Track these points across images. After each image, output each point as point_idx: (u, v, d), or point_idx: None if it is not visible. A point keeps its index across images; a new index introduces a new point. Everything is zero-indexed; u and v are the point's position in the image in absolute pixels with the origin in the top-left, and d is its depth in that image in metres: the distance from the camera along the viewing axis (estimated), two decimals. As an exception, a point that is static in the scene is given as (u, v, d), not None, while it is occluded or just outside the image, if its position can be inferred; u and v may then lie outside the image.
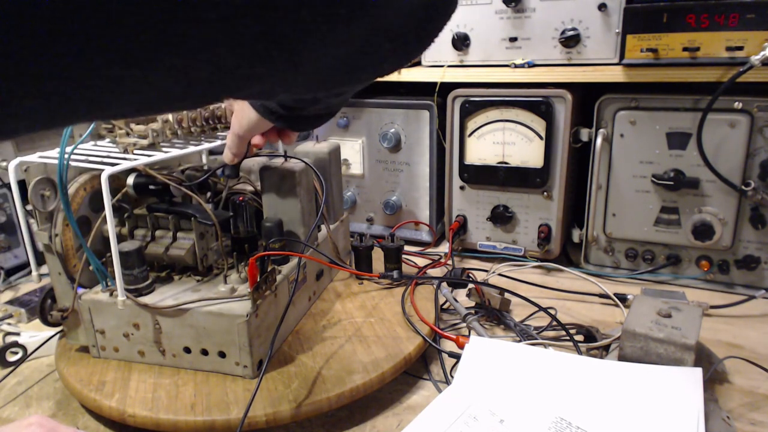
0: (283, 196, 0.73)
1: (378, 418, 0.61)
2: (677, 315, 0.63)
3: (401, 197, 1.09)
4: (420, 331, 0.70)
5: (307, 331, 0.71)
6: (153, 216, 0.69)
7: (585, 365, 0.62)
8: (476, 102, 0.96)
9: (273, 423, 0.56)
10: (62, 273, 0.65)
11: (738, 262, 0.86)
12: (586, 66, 0.88)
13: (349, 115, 1.08)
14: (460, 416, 0.55)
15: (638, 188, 0.89)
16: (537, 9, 0.89)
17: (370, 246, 0.86)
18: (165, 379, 0.62)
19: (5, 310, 0.84)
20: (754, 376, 0.65)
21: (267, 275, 0.63)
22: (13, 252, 1.00)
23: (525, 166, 0.95)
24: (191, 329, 0.62)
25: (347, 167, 1.10)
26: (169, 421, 0.56)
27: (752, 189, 0.81)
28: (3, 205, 1.00)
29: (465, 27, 0.95)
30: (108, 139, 0.74)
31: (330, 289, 0.83)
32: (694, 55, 0.79)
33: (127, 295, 0.62)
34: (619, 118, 0.87)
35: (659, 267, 0.91)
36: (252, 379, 0.61)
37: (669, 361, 0.60)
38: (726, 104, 0.80)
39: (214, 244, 0.70)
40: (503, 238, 1.02)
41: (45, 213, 0.64)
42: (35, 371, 0.70)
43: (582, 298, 0.86)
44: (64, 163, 0.61)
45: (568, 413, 0.55)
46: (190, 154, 0.71)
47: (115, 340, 0.65)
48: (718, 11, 0.76)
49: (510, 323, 0.76)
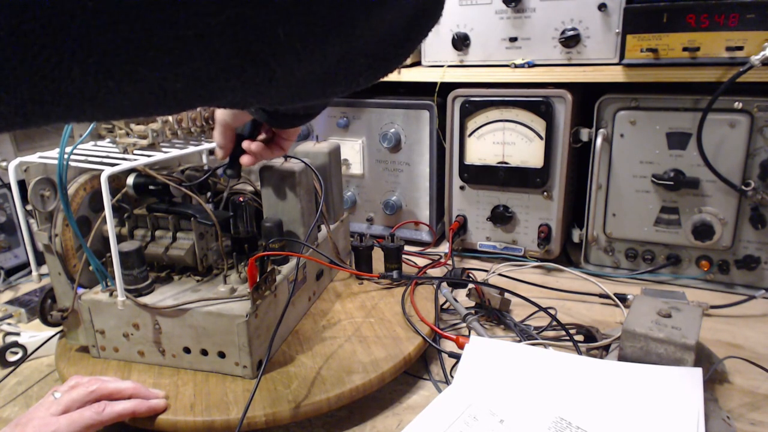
0: (283, 196, 0.73)
1: (378, 418, 0.61)
2: (677, 315, 0.63)
3: (401, 197, 1.09)
4: (420, 331, 0.70)
5: (306, 331, 0.71)
6: (153, 216, 0.69)
7: (585, 365, 0.62)
8: (476, 102, 0.96)
9: (272, 423, 0.56)
10: (62, 273, 0.65)
11: (738, 262, 0.86)
12: (586, 66, 0.88)
13: (349, 115, 1.08)
14: (460, 416, 0.55)
15: (638, 188, 0.89)
16: (537, 9, 0.89)
17: (370, 246, 0.86)
18: (165, 380, 0.62)
19: (5, 310, 0.84)
20: (754, 376, 0.65)
21: (267, 275, 0.63)
22: (13, 252, 1.00)
23: (525, 166, 0.95)
24: (191, 329, 0.62)
25: (347, 167, 1.10)
26: (168, 421, 0.56)
27: (752, 189, 0.81)
28: (3, 205, 1.00)
29: (465, 27, 0.95)
30: (108, 139, 0.74)
31: (330, 289, 0.83)
32: (694, 55, 0.79)
33: (126, 296, 0.62)
34: (619, 118, 0.87)
35: (659, 267, 0.91)
36: (251, 379, 0.61)
37: (669, 361, 0.60)
38: (726, 104, 0.80)
39: (213, 244, 0.70)
40: (503, 238, 1.02)
41: (45, 213, 0.64)
42: (35, 371, 0.70)
43: (582, 298, 0.86)
44: (63, 163, 0.61)
45: (568, 413, 0.55)
46: (190, 154, 0.71)
47: (114, 340, 0.65)
48: (718, 11, 0.76)
49: (510, 323, 0.76)
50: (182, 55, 0.20)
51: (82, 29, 0.17)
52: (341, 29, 0.23)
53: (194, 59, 0.20)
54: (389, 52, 0.27)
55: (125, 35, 0.18)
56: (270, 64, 0.22)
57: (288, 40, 0.22)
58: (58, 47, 0.17)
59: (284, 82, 0.24)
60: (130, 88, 0.20)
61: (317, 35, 0.22)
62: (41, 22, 0.16)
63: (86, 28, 0.17)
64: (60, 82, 0.18)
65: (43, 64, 0.17)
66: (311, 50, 0.23)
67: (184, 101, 0.22)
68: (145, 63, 0.19)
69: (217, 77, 0.21)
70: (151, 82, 0.20)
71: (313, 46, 0.23)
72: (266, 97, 0.27)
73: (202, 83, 0.21)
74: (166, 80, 0.20)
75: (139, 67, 0.19)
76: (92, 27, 0.17)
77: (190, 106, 0.23)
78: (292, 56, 0.22)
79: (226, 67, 0.21)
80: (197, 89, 0.22)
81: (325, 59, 0.24)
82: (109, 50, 0.18)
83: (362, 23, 0.24)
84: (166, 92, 0.21)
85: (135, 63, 0.19)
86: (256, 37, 0.21)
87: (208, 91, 0.22)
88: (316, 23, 0.22)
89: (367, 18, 0.24)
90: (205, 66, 0.21)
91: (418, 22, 0.28)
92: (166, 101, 0.21)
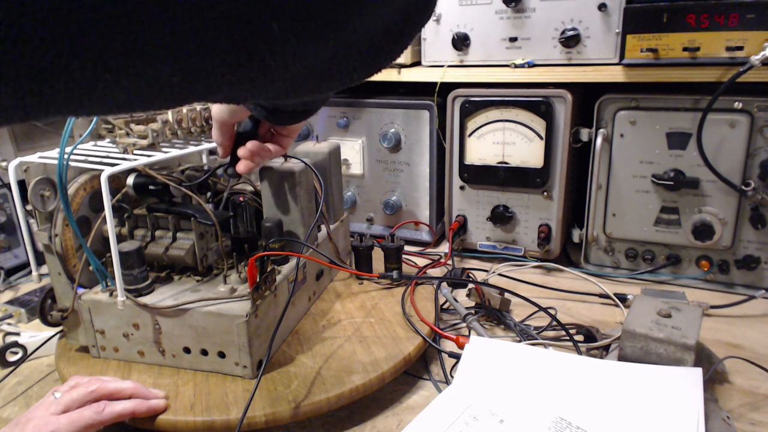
0: (283, 196, 0.73)
1: (378, 418, 0.61)
2: (677, 315, 0.63)
3: (401, 197, 1.09)
4: (420, 331, 0.70)
5: (306, 331, 0.71)
6: (153, 216, 0.69)
7: (585, 365, 0.62)
8: (476, 102, 0.96)
9: (272, 423, 0.56)
10: (62, 273, 0.65)
11: (738, 262, 0.86)
12: (586, 66, 0.88)
13: (349, 115, 1.08)
14: (460, 416, 0.55)
15: (638, 188, 0.89)
16: (537, 9, 0.89)
17: (370, 246, 0.86)
18: (165, 380, 0.62)
19: (5, 310, 0.84)
20: (754, 376, 0.65)
21: (267, 275, 0.63)
22: (13, 252, 1.00)
23: (525, 166, 0.95)
24: (191, 329, 0.62)
25: (347, 167, 1.10)
26: (168, 421, 0.56)
27: (752, 189, 0.81)
28: (3, 205, 1.00)
29: (465, 27, 0.95)
30: (108, 139, 0.74)
31: (330, 289, 0.83)
32: (694, 55, 0.79)
33: (126, 296, 0.62)
34: (619, 118, 0.87)
35: (659, 267, 0.91)
36: (251, 380, 0.61)
37: (669, 361, 0.60)
38: (726, 104, 0.80)
39: (213, 244, 0.70)
40: (503, 238, 1.02)
41: (45, 213, 0.64)
42: (35, 371, 0.70)
43: (582, 298, 0.86)
44: (63, 163, 0.61)
45: (568, 413, 0.55)
46: (190, 154, 0.71)
47: (114, 340, 0.65)
48: (718, 11, 0.76)
49: (510, 323, 0.76)
50: (178, 49, 0.20)
51: (80, 23, 0.17)
52: (335, 24, 0.23)
53: (190, 54, 0.20)
54: (383, 47, 0.28)
55: (122, 30, 0.18)
56: (265, 58, 0.23)
57: (282, 35, 0.22)
58: (57, 41, 0.17)
59: (279, 76, 0.24)
60: (127, 82, 0.20)
61: (312, 30, 0.23)
62: (41, 16, 0.17)
63: (84, 22, 0.17)
64: (59, 75, 0.18)
65: (43, 57, 0.17)
66: (306, 45, 0.23)
67: (180, 95, 0.23)
68: (142, 57, 0.19)
69: (212, 72, 0.22)
70: (148, 76, 0.20)
71: (308, 40, 0.23)
72: (261, 92, 0.27)
73: (197, 77, 0.22)
74: (162, 74, 0.21)
75: (136, 60, 0.19)
76: (90, 21, 0.17)
77: (186, 100, 0.24)
78: (287, 51, 0.23)
79: (222, 62, 0.21)
80: (193, 83, 0.22)
81: (320, 54, 0.25)
82: (106, 44, 0.18)
83: (356, 18, 0.24)
84: (162, 86, 0.21)
85: (131, 57, 0.19)
86: (251, 31, 0.21)
87: (203, 86, 0.22)
88: (310, 18, 0.22)
89: (360, 13, 0.24)
90: (201, 60, 0.21)
91: (412, 17, 0.28)
92: (162, 95, 0.22)
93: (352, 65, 0.27)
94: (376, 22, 0.26)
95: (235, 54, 0.21)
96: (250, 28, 0.21)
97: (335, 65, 0.27)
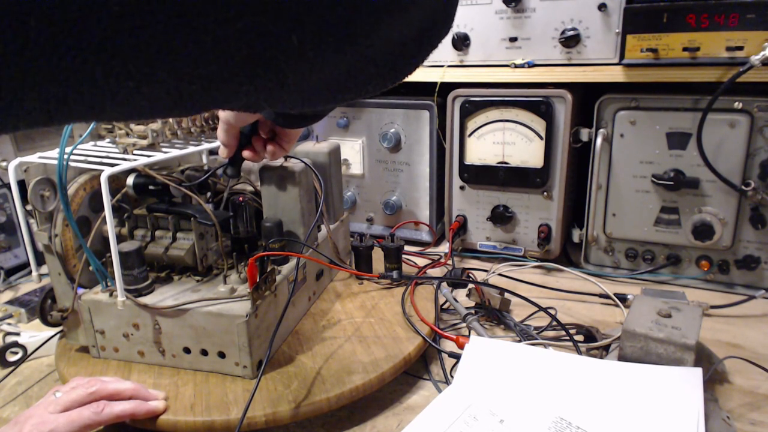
0: (283, 197, 0.73)
1: (378, 418, 0.61)
2: (677, 315, 0.63)
3: (401, 197, 1.09)
4: (420, 331, 0.70)
5: (306, 331, 0.71)
6: (153, 216, 0.69)
7: (585, 365, 0.62)
8: (476, 102, 0.96)
9: (272, 423, 0.56)
10: (62, 273, 0.65)
11: (738, 262, 0.86)
12: (586, 66, 0.88)
13: (349, 115, 1.08)
14: (460, 416, 0.55)
15: (638, 188, 0.89)
16: (537, 9, 0.89)
17: (370, 246, 0.86)
18: (165, 380, 0.62)
19: (5, 310, 0.84)
20: (754, 376, 0.65)
21: (266, 275, 0.63)
22: (13, 252, 1.00)
23: (525, 166, 0.95)
24: (191, 329, 0.62)
25: (347, 167, 1.10)
26: (168, 422, 0.56)
27: (752, 189, 0.81)
28: (3, 205, 1.00)
29: (465, 27, 0.95)
30: (108, 139, 0.74)
31: (330, 289, 0.83)
32: (694, 55, 0.79)
33: (126, 296, 0.62)
34: (619, 118, 0.87)
35: (659, 267, 0.91)
36: (251, 380, 0.61)
37: (669, 361, 0.60)
38: (726, 104, 0.80)
39: (213, 245, 0.70)
40: (503, 238, 1.02)
41: (45, 213, 0.64)
42: (35, 371, 0.70)
43: (582, 298, 0.86)
44: (63, 163, 0.61)
45: (568, 413, 0.55)
46: (190, 154, 0.71)
47: (114, 340, 0.65)
48: (718, 11, 0.76)
49: (510, 323, 0.76)
50: (199, 59, 0.21)
51: (107, 32, 0.18)
52: (353, 38, 0.24)
53: (210, 64, 0.21)
54: (399, 61, 0.28)
55: (146, 39, 0.19)
56: (283, 70, 0.23)
57: (301, 48, 0.22)
58: (84, 49, 0.18)
59: (296, 87, 0.25)
60: (148, 89, 0.21)
61: (329, 44, 0.23)
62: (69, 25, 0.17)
63: (111, 31, 0.18)
64: (84, 82, 0.19)
65: (69, 64, 0.18)
66: (323, 58, 0.24)
67: (199, 103, 0.23)
68: (164, 66, 0.20)
69: (231, 81, 0.22)
70: (169, 84, 0.21)
71: (325, 53, 0.24)
72: (278, 102, 0.28)
73: (216, 87, 0.22)
74: (182, 82, 0.21)
75: (158, 69, 0.20)
76: (116, 30, 0.18)
77: (204, 108, 0.24)
78: (305, 63, 0.23)
79: (241, 72, 0.22)
80: (212, 92, 0.22)
81: (336, 67, 0.25)
82: (130, 53, 0.19)
83: (373, 33, 0.25)
84: (182, 94, 0.22)
85: (154, 66, 0.20)
86: (271, 44, 0.22)
87: (222, 95, 0.23)
88: (329, 32, 0.23)
89: (378, 28, 0.25)
90: (221, 70, 0.21)
91: (428, 33, 0.29)
92: (182, 102, 0.22)
93: (368, 78, 0.28)
94: (392, 37, 0.26)
95: (253, 65, 0.22)
96: (271, 39, 0.21)
97: (351, 78, 0.27)
